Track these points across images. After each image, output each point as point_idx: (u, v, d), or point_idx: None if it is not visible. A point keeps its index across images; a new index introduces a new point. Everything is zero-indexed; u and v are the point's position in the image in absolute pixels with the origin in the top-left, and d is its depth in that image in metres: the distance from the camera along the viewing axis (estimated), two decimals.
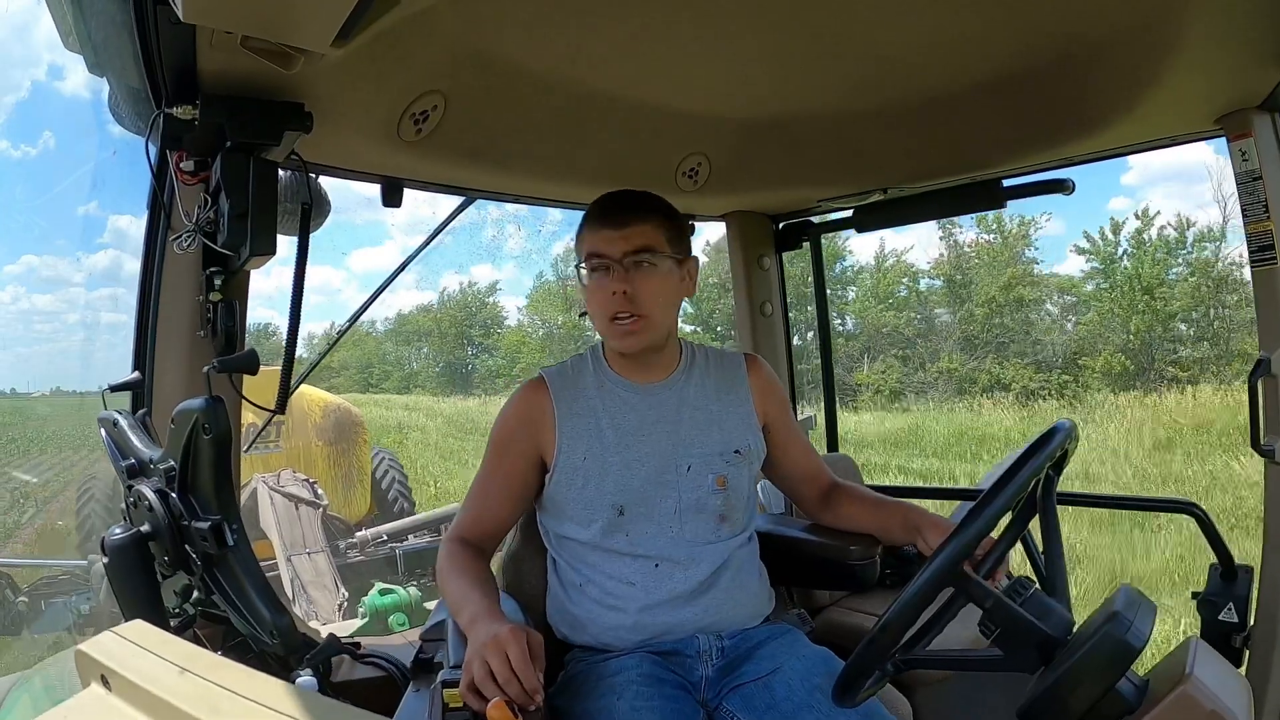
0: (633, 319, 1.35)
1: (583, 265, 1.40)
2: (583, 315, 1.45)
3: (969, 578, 0.97)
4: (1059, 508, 1.07)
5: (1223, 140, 1.72)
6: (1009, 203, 2.15)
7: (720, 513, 1.41)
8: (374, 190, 1.92)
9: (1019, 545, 1.13)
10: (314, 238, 1.66)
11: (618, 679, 1.26)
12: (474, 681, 1.05)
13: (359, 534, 6.52)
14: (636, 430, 1.41)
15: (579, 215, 1.45)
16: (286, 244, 1.58)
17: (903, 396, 19.89)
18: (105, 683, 0.70)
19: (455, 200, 2.28)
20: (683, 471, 1.40)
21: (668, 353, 1.47)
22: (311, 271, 1.67)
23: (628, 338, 1.38)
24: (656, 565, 1.37)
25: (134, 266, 1.65)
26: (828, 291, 2.76)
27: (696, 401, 1.45)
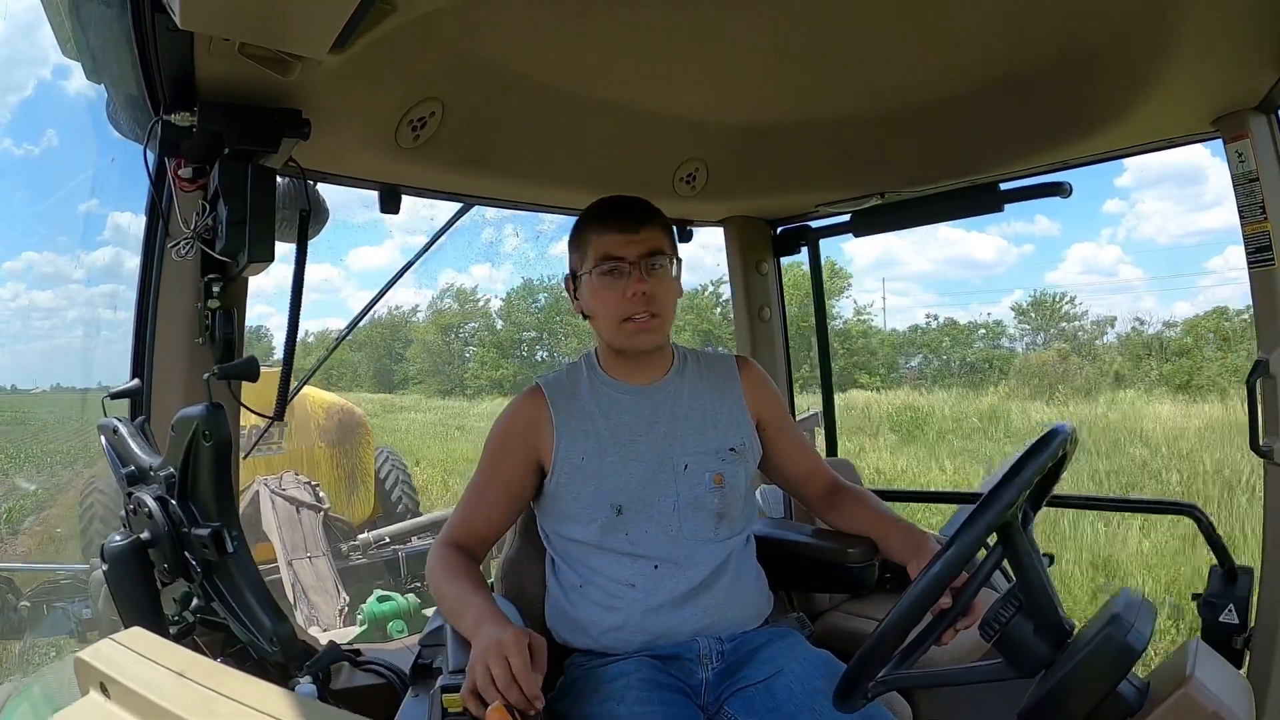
0: (650, 318, 1.38)
1: (591, 270, 1.40)
2: (586, 317, 1.46)
3: (1020, 532, 0.99)
4: (1057, 509, 1.07)
5: None
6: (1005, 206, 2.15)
7: (718, 511, 1.42)
8: (374, 191, 1.92)
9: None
10: (313, 241, 1.66)
11: (617, 684, 1.26)
12: (476, 687, 1.06)
13: (361, 536, 6.47)
14: (632, 430, 1.43)
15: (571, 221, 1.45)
16: (285, 249, 1.58)
17: None
18: (104, 690, 0.70)
19: (454, 203, 2.29)
20: (680, 470, 1.41)
21: (663, 354, 1.49)
22: (311, 269, 1.68)
23: (644, 335, 1.40)
24: (656, 567, 1.38)
25: (133, 264, 1.64)
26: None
27: (691, 401, 1.47)
